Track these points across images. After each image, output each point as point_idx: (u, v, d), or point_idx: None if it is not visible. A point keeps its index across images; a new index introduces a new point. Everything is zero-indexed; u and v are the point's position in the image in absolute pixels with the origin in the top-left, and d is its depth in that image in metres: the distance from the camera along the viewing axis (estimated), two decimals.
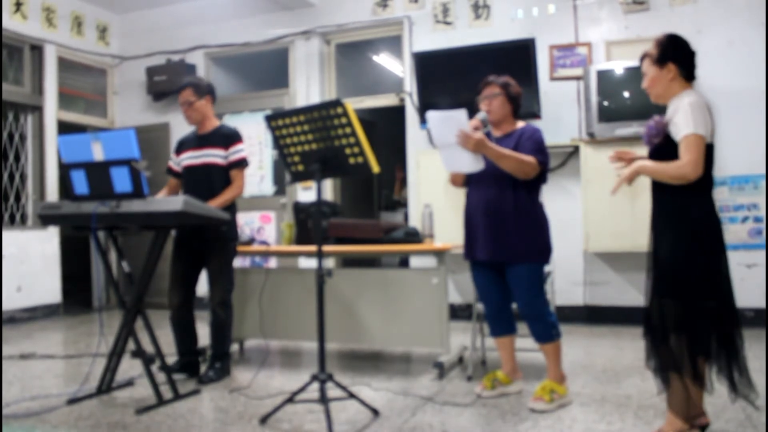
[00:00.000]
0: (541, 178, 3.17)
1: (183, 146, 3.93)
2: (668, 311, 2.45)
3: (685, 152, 2.41)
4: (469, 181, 3.31)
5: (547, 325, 3.19)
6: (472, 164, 3.07)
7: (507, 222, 3.13)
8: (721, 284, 2.47)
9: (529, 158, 3.07)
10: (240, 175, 3.83)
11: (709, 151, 2.47)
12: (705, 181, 2.49)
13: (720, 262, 2.48)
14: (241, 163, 3.84)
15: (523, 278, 3.15)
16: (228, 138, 3.83)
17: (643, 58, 2.61)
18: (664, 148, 2.49)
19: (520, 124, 3.29)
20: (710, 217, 2.50)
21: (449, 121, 3.02)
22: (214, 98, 3.94)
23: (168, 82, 6.86)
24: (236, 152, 3.82)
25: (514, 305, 3.34)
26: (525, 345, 3.75)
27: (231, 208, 3.82)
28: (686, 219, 2.47)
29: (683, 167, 2.41)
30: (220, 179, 3.80)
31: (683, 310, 2.43)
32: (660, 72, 2.54)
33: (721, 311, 2.45)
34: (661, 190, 2.55)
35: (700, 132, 2.40)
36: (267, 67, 7.10)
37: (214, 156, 3.80)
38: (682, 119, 2.43)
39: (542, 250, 3.18)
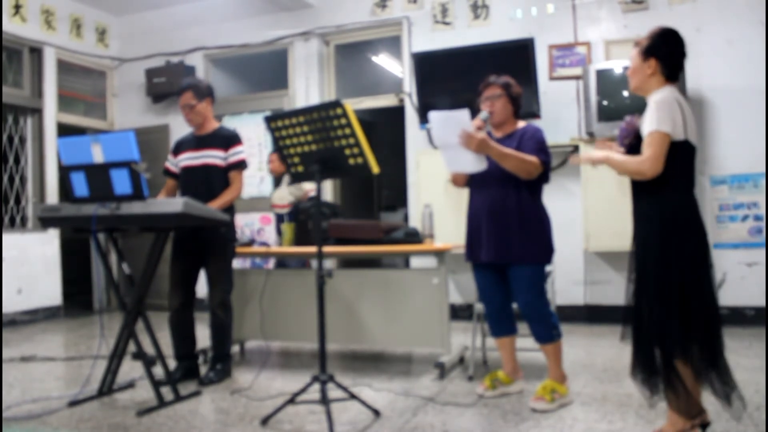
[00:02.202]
0: (543, 177, 3.17)
1: (181, 147, 3.93)
2: (653, 314, 2.43)
3: (646, 149, 2.42)
4: (470, 182, 3.30)
5: (547, 326, 3.19)
6: (474, 164, 3.07)
7: (511, 223, 3.12)
8: (703, 285, 2.45)
9: (532, 158, 3.07)
10: (239, 177, 3.84)
11: (686, 149, 2.45)
12: (684, 180, 2.48)
13: (701, 262, 2.45)
14: (241, 165, 3.84)
15: (524, 278, 3.15)
16: (228, 140, 3.83)
17: (636, 44, 2.60)
18: (636, 148, 2.49)
19: (521, 124, 3.29)
20: (691, 217, 2.46)
21: (451, 122, 3.01)
22: (214, 99, 3.95)
23: (167, 84, 6.86)
24: (236, 154, 3.82)
25: (515, 305, 3.34)
26: (526, 345, 3.75)
27: (229, 209, 3.82)
28: (660, 218, 2.44)
29: (642, 163, 2.42)
30: (219, 180, 3.79)
31: (665, 312, 2.41)
32: (641, 65, 2.53)
33: (703, 313, 2.43)
34: (639, 191, 2.54)
35: (662, 129, 2.38)
36: (266, 69, 7.11)
37: (213, 157, 3.80)
38: (647, 118, 2.44)
39: (545, 250, 3.19)
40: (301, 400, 3.00)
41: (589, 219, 5.26)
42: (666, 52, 2.51)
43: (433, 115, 3.08)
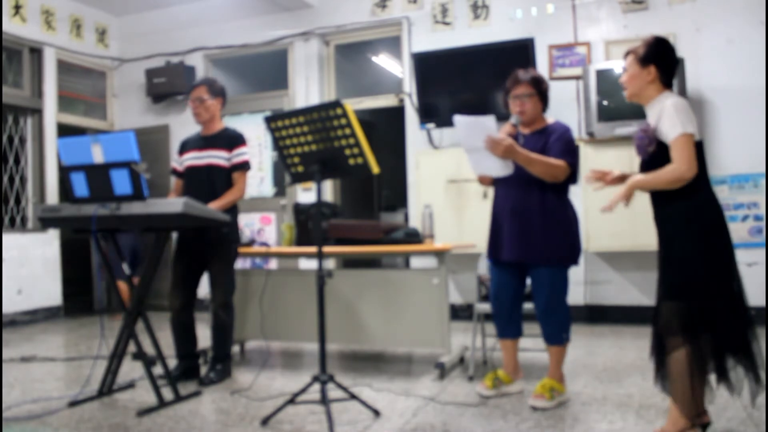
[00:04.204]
0: (570, 178, 3.14)
1: (186, 146, 3.93)
2: (687, 312, 2.42)
3: (678, 153, 2.41)
4: (496, 180, 3.28)
5: (560, 329, 3.18)
6: (500, 169, 3.05)
7: (533, 223, 3.10)
8: (736, 280, 2.48)
9: (559, 162, 3.04)
10: (242, 178, 3.83)
11: (699, 149, 2.47)
12: (702, 179, 2.49)
13: (731, 257, 2.48)
14: (244, 166, 3.84)
15: (545, 281, 3.13)
16: (232, 140, 3.84)
17: (627, 53, 2.62)
18: (659, 155, 2.48)
19: (550, 120, 3.25)
20: (715, 213, 2.49)
21: (477, 127, 3.00)
22: (225, 102, 3.96)
23: (167, 84, 6.86)
24: (239, 155, 3.82)
25: (530, 305, 3.32)
26: (526, 345, 3.74)
27: (233, 210, 3.82)
28: (692, 218, 2.46)
29: (678, 168, 2.41)
30: (222, 181, 3.79)
31: (703, 310, 2.41)
32: (640, 72, 2.55)
33: (737, 308, 2.46)
34: (663, 194, 2.53)
35: (688, 131, 2.40)
36: (266, 69, 7.11)
37: (217, 158, 3.80)
38: (668, 123, 2.43)
39: (568, 252, 3.14)
40: (302, 401, 3.00)
41: (589, 219, 5.25)
42: (664, 58, 2.55)
43: (459, 119, 3.06)
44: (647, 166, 2.56)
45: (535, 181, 3.08)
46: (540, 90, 3.17)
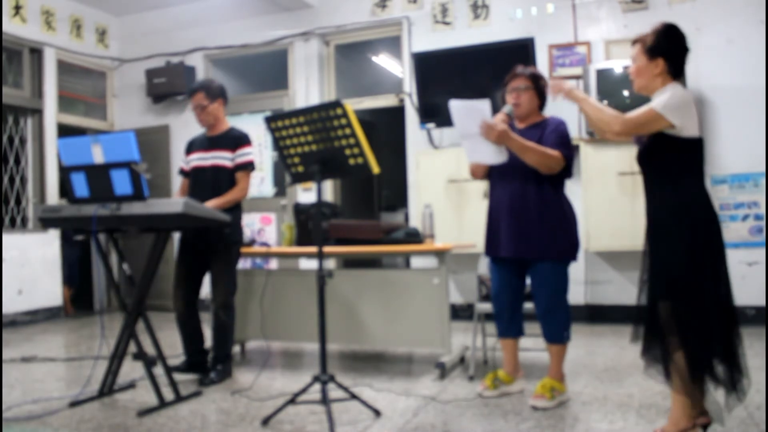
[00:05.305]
0: (565, 172, 3.13)
1: (193, 147, 3.93)
2: (680, 312, 2.41)
3: (635, 112, 2.43)
4: (491, 175, 3.27)
5: (560, 327, 3.17)
6: (494, 156, 3.05)
7: (531, 218, 3.09)
8: (725, 281, 2.45)
9: (554, 152, 3.03)
10: (245, 178, 3.83)
11: (699, 147, 2.45)
12: (696, 176, 2.48)
13: (720, 258, 2.46)
14: (248, 166, 3.83)
15: (545, 277, 3.13)
16: (236, 140, 3.84)
17: (635, 42, 2.54)
18: (654, 146, 2.47)
19: (545, 115, 3.26)
20: (704, 212, 2.46)
21: (472, 111, 2.99)
22: (226, 100, 3.94)
23: (167, 84, 6.86)
24: (243, 155, 3.82)
25: (530, 305, 3.32)
26: (526, 344, 3.75)
27: (236, 210, 3.81)
28: (680, 215, 2.44)
29: (617, 118, 2.45)
30: (227, 182, 3.79)
31: (690, 310, 2.40)
32: (648, 64, 2.49)
33: (724, 311, 2.44)
34: (654, 190, 2.52)
35: (668, 117, 2.36)
36: (266, 69, 7.11)
37: (222, 158, 3.79)
38: (660, 98, 2.42)
39: (567, 247, 3.14)
40: (302, 401, 3.00)
41: (589, 219, 5.25)
42: (673, 49, 2.48)
43: (454, 104, 3.05)
44: (643, 155, 2.54)
45: (532, 176, 3.08)
46: (537, 85, 3.19)
